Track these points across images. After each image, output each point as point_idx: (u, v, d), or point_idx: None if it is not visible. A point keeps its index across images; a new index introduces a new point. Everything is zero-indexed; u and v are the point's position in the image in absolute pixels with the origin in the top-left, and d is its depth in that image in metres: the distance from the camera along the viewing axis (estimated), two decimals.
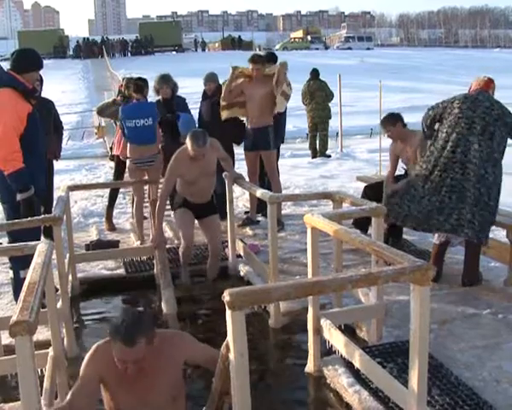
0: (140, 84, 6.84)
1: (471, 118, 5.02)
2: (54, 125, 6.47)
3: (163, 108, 7.48)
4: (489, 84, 5.23)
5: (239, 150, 7.86)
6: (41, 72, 5.18)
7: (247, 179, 6.99)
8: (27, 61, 4.94)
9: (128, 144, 6.81)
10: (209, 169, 5.60)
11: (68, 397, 2.80)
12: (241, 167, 7.84)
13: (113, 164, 8.22)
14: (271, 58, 8.00)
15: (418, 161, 5.55)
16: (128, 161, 6.84)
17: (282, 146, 8.37)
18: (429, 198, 5.11)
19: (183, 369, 3.15)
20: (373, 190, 6.40)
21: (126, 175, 7.73)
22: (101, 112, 7.82)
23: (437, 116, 5.31)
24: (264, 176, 7.61)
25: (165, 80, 7.68)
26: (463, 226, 4.93)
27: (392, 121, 6.11)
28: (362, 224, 6.01)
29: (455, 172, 4.98)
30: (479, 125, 4.96)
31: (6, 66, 5.10)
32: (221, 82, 7.79)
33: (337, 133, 14.53)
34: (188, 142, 5.31)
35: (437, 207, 5.05)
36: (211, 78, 7.62)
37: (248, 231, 7.18)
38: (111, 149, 7.84)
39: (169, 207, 6.16)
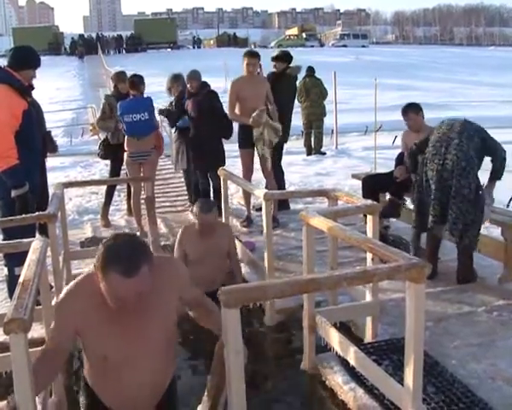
0: (135, 81, 7.06)
1: (451, 123, 5.17)
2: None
3: (175, 107, 7.81)
4: None
5: (232, 147, 7.85)
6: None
7: (243, 177, 6.99)
8: (24, 58, 4.94)
9: (125, 138, 6.99)
10: (218, 250, 5.16)
11: (44, 347, 2.52)
12: (235, 165, 7.83)
13: (108, 162, 8.24)
14: (286, 58, 7.98)
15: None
16: (125, 155, 7.00)
17: None
18: (425, 196, 5.17)
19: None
20: (373, 180, 6.52)
21: (122, 173, 7.76)
22: (101, 124, 7.97)
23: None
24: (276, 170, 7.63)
25: (176, 79, 7.97)
26: (444, 217, 4.98)
27: (416, 110, 6.09)
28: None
29: (436, 164, 5.04)
30: (458, 126, 5.08)
31: (2, 62, 5.07)
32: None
33: (332, 130, 14.53)
34: (195, 211, 5.11)
35: (427, 202, 5.13)
36: (193, 76, 7.56)
37: (243, 228, 7.18)
38: (103, 145, 7.83)
39: (165, 205, 6.17)
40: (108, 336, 2.41)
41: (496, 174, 5.09)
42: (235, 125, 7.45)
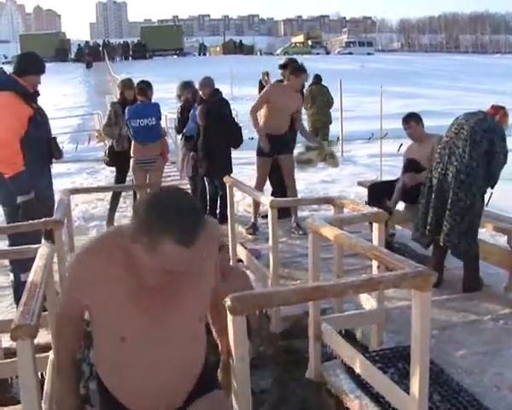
0: (143, 87, 7.13)
1: (461, 124, 5.08)
2: None
3: (183, 113, 7.98)
4: (495, 109, 5.21)
5: (240, 155, 7.86)
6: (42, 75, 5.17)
7: (256, 185, 6.98)
8: (28, 63, 4.96)
9: (132, 144, 7.01)
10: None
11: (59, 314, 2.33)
12: (242, 172, 7.83)
13: (113, 168, 8.29)
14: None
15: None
16: (131, 161, 7.01)
17: None
18: (424, 202, 5.19)
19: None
20: (378, 187, 6.61)
21: (128, 179, 7.78)
22: (107, 131, 7.96)
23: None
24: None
25: (186, 86, 8.18)
26: (439, 227, 4.99)
27: (417, 119, 6.19)
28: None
29: (438, 173, 5.06)
30: (466, 130, 4.98)
31: (9, 69, 5.11)
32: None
33: (338, 138, 14.54)
34: None
35: (426, 210, 5.14)
36: (205, 82, 7.64)
37: (249, 235, 7.18)
38: (109, 151, 7.86)
39: None
40: (128, 313, 2.02)
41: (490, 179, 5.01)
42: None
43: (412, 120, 6.18)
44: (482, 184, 4.95)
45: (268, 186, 7.91)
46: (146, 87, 7.16)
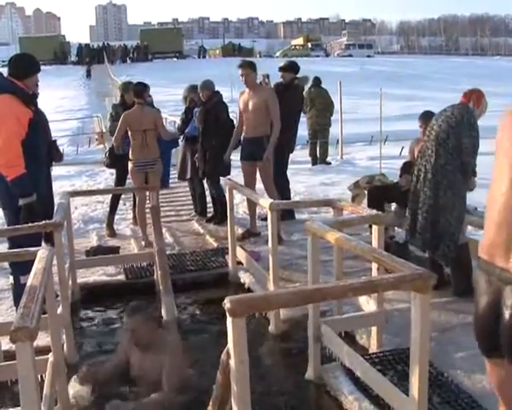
0: (139, 89, 7.01)
1: (432, 126, 5.12)
2: None
3: (187, 113, 8.18)
4: (467, 96, 5.15)
5: (237, 157, 7.85)
6: (41, 77, 5.18)
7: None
8: (26, 66, 4.96)
9: (130, 147, 6.96)
10: None
11: None
12: (240, 175, 7.81)
13: (113, 171, 8.30)
14: (293, 69, 7.95)
15: None
16: (130, 164, 6.96)
17: None
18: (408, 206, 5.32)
19: None
20: (378, 190, 6.59)
21: (127, 182, 7.77)
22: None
23: None
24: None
25: (193, 89, 8.26)
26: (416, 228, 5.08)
27: None
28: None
29: (414, 176, 5.16)
30: (434, 130, 5.03)
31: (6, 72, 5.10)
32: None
33: (337, 140, 14.53)
34: None
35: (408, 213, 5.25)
36: (204, 85, 7.69)
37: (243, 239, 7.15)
38: (109, 153, 7.85)
39: (170, 214, 6.09)
40: None
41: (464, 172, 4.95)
42: None
43: (430, 121, 6.17)
44: (455, 181, 4.89)
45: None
46: (142, 89, 7.08)
